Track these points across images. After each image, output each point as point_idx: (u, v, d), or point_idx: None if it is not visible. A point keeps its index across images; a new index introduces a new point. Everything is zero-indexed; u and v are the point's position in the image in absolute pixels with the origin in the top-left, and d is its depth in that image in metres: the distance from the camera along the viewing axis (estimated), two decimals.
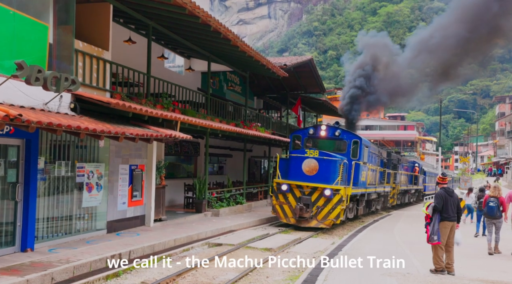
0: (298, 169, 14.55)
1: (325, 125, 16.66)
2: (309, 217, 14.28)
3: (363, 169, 16.46)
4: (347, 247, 10.73)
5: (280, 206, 14.70)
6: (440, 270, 7.92)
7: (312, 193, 14.33)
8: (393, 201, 24.51)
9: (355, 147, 16.07)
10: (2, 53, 7.55)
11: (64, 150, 9.66)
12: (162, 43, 16.62)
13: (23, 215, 8.32)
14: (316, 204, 14.28)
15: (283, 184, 14.57)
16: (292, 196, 14.54)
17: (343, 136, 16.17)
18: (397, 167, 25.11)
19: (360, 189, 16.36)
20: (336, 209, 14.15)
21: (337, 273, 7.77)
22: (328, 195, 14.02)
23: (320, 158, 14.48)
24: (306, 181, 14.38)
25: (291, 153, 15.65)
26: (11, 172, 8.21)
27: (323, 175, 14.32)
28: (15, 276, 6.60)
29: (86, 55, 10.16)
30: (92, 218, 10.47)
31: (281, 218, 14.73)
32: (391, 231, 14.62)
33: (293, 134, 17.30)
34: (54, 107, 8.69)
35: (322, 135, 16.23)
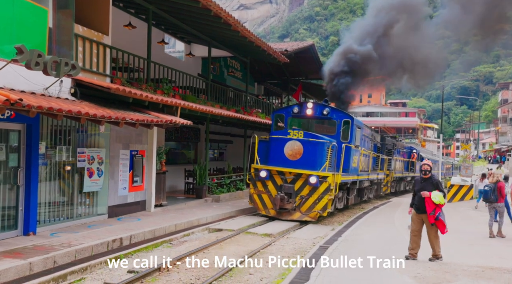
0: (279, 153, 12.79)
1: (312, 102, 14.62)
2: (291, 208, 12.63)
3: (354, 154, 14.68)
4: (347, 233, 10.82)
5: (259, 195, 13.05)
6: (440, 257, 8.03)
7: (296, 180, 12.67)
8: (386, 189, 23.01)
9: (346, 128, 14.16)
10: (2, 38, 7.52)
11: (65, 135, 9.68)
12: (162, 28, 16.51)
13: (25, 199, 8.39)
14: (299, 194, 12.64)
15: (262, 170, 12.83)
16: (272, 184, 12.89)
17: (333, 115, 14.23)
18: (392, 153, 23.51)
19: (351, 176, 14.65)
20: (323, 199, 12.50)
21: (337, 259, 7.85)
22: (314, 183, 12.38)
23: (305, 140, 12.71)
24: (289, 166, 12.66)
25: (272, 134, 13.56)
26: (12, 156, 8.26)
27: (309, 159, 12.58)
28: (18, 259, 6.69)
29: (86, 39, 10.11)
30: (93, 203, 10.55)
31: (260, 210, 13.09)
32: (391, 221, 14.66)
33: (275, 113, 15.19)
34: (54, 92, 8.69)
35: (309, 114, 14.17)
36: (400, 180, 27.20)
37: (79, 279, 6.67)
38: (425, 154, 37.16)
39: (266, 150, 13.34)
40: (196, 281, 6.79)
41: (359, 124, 15.45)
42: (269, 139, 13.41)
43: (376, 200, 21.43)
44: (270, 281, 7.00)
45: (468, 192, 21.07)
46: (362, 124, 16.08)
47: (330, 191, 12.54)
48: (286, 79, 25.85)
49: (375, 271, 7.11)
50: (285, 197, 12.53)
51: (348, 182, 14.46)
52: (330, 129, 14.24)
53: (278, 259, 8.47)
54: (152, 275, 6.94)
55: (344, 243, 9.40)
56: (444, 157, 40.39)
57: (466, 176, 23.97)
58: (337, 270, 7.04)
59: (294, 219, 12.57)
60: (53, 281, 6.32)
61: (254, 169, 13.16)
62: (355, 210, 17.00)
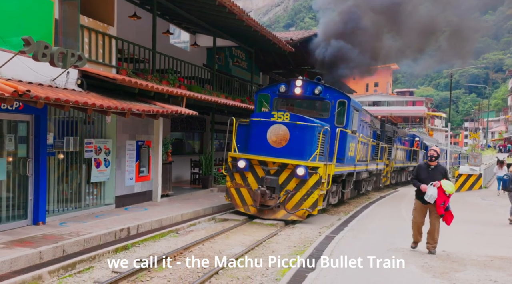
0: (261, 139, 10.94)
1: (301, 79, 12.42)
2: (274, 205, 10.76)
3: (351, 140, 12.80)
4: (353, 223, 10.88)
5: (237, 189, 11.23)
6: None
7: (280, 172, 10.84)
8: (386, 180, 21.30)
9: (342, 110, 12.32)
10: (9, 30, 7.57)
11: (72, 126, 9.77)
12: (167, 19, 16.48)
13: (34, 189, 8.51)
14: (285, 188, 10.78)
15: (240, 160, 10.97)
16: (252, 177, 11.07)
17: (326, 94, 12.37)
18: (393, 141, 21.76)
19: (347, 167, 12.79)
20: (313, 194, 10.62)
21: (343, 248, 7.91)
22: (302, 175, 10.51)
23: (291, 123, 10.81)
24: (272, 155, 10.84)
25: (252, 116, 11.48)
26: (21, 147, 8.36)
27: (296, 147, 10.75)
28: (28, 247, 6.81)
29: (91, 31, 10.14)
30: (100, 193, 10.67)
31: (238, 206, 11.26)
32: (398, 213, 14.67)
33: (258, 93, 13.22)
34: (61, 83, 8.76)
35: (297, 93, 12.29)
36: (401, 171, 25.69)
37: (88, 267, 6.79)
38: (430, 142, 35.63)
39: (246, 135, 11.34)
40: (202, 270, 6.89)
41: (357, 106, 13.57)
42: (250, 123, 11.35)
43: (377, 192, 20.57)
44: (276, 270, 7.08)
45: (476, 181, 20.97)
46: (360, 106, 14.23)
47: (321, 184, 10.66)
48: (292, 68, 25.73)
49: (383, 260, 7.16)
50: (267, 192, 10.65)
51: (343, 173, 12.69)
52: (323, 111, 12.47)
53: (284, 249, 8.55)
54: (159, 264, 7.05)
55: (350, 232, 9.46)
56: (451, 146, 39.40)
57: (474, 166, 23.84)
58: (344, 259, 7.10)
59: (277, 218, 10.83)
60: (62, 270, 6.44)
61: (231, 158, 11.33)
62: (360, 201, 17.02)
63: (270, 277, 6.70)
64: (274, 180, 10.82)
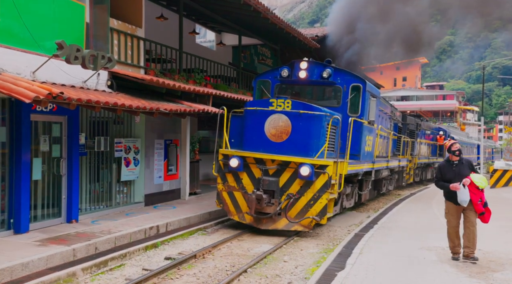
0: (258, 132, 9.29)
1: (306, 61, 10.59)
2: (274, 213, 8.97)
3: (368, 133, 11.04)
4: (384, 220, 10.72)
5: (230, 193, 9.48)
6: None
7: (281, 172, 9.11)
8: (409, 178, 19.46)
9: (356, 97, 10.51)
10: (43, 34, 7.83)
11: (103, 126, 10.01)
12: (193, 19, 16.62)
13: (67, 188, 8.77)
14: (286, 191, 9.04)
15: (233, 158, 9.25)
16: (248, 178, 9.32)
17: (336, 78, 10.57)
18: (416, 134, 19.70)
19: (363, 165, 10.99)
20: (321, 199, 8.86)
21: (373, 246, 7.82)
22: (307, 176, 8.79)
23: (294, 112, 9.07)
24: (271, 152, 9.16)
25: (247, 105, 9.80)
26: (55, 147, 8.63)
27: (300, 141, 9.06)
28: (63, 245, 7.03)
29: (120, 33, 10.35)
30: (130, 191, 10.90)
31: (231, 214, 9.53)
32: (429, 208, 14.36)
33: (257, 79, 11.34)
34: (92, 85, 8.98)
35: (302, 77, 10.47)
36: (426, 167, 23.83)
37: (119, 265, 6.96)
38: (459, 136, 33.19)
39: (241, 129, 9.72)
40: (231, 268, 6.94)
41: (375, 92, 11.59)
42: (244, 113, 9.66)
43: (406, 189, 19.92)
44: (305, 268, 7.06)
45: None
46: (378, 93, 12.21)
47: (331, 186, 8.96)
48: None
49: (415, 259, 7.04)
50: (263, 197, 8.84)
51: (359, 172, 10.88)
52: (334, 98, 10.71)
53: (313, 247, 8.52)
54: (188, 262, 7.14)
55: (380, 230, 9.33)
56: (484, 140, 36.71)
57: (510, 160, 23.02)
58: (374, 257, 7.01)
59: (278, 229, 9.14)
60: (95, 267, 6.62)
61: (222, 156, 9.62)
62: (389, 198, 16.74)
63: (299, 275, 6.68)
64: (273, 182, 9.04)
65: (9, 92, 6.53)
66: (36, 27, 7.72)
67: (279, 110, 9.20)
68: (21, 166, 7.69)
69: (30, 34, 7.57)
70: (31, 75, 7.69)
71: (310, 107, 9.25)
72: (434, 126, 27.73)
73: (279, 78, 10.78)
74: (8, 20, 7.30)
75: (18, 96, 6.45)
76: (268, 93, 10.92)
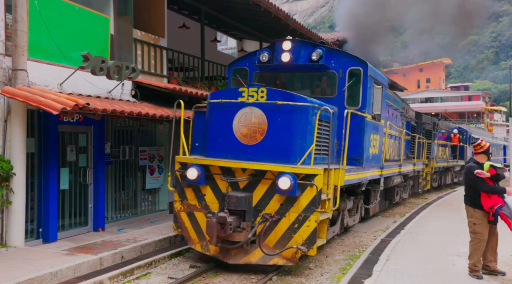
0: (224, 132, 7.17)
1: (290, 40, 8.32)
2: (246, 241, 6.65)
3: (373, 130, 8.73)
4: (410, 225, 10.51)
5: (190, 215, 7.31)
6: None
7: (254, 185, 6.91)
8: (425, 184, 17.36)
9: (355, 84, 8.28)
10: (69, 47, 8.05)
11: (127, 135, 10.17)
12: (215, 27, 16.77)
13: (93, 197, 8.92)
14: (262, 211, 6.81)
15: (191, 168, 7.07)
16: (212, 193, 7.17)
17: (329, 61, 8.35)
18: (433, 135, 17.73)
19: (368, 172, 8.64)
20: (308, 221, 6.58)
21: (400, 252, 7.66)
22: (287, 190, 6.52)
23: (270, 105, 6.93)
24: (242, 157, 7.00)
25: (211, 97, 7.55)
26: (81, 157, 8.80)
27: (278, 143, 6.91)
28: (90, 254, 7.14)
29: (144, 43, 10.52)
30: (155, 199, 11.01)
31: (192, 242, 7.30)
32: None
33: (232, 68, 9.18)
34: (117, 95, 9.15)
35: (285, 61, 8.24)
36: (445, 171, 21.51)
37: (145, 273, 7.01)
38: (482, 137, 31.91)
39: (205, 128, 7.62)
40: (256, 276, 6.90)
41: (380, 79, 9.29)
42: (207, 107, 7.55)
43: (433, 193, 19.29)
44: (330, 276, 6.96)
45: None
46: (385, 80, 9.93)
47: (321, 203, 6.64)
48: None
49: (444, 265, 6.86)
50: (228, 221, 6.46)
51: (362, 182, 8.45)
52: (326, 87, 8.61)
53: (338, 254, 8.41)
54: (213, 270, 7.14)
55: (407, 236, 9.15)
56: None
57: None
58: (402, 264, 6.87)
59: (251, 263, 6.85)
60: (121, 276, 6.68)
61: (180, 165, 7.45)
62: (415, 202, 16.39)
63: (325, 283, 6.60)
64: (244, 198, 6.74)
65: (38, 104, 6.72)
66: (62, 40, 7.93)
67: (251, 101, 6.99)
68: (49, 176, 7.87)
69: (57, 48, 7.77)
70: (58, 87, 7.89)
71: (291, 96, 7.00)
72: (454, 126, 25.44)
73: (257, 63, 8.58)
74: (36, 35, 7.53)
75: (46, 108, 6.62)
76: (245, 84, 8.44)
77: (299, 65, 8.44)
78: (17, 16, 7.12)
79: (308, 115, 6.99)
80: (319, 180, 6.60)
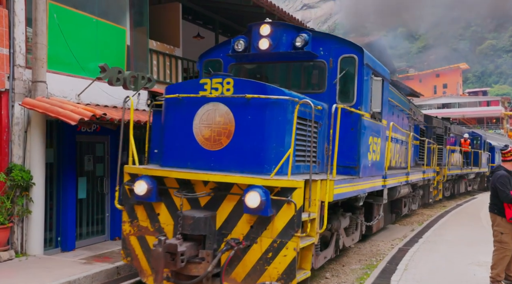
0: (183, 134, 5.86)
1: (269, 23, 6.94)
2: (205, 275, 5.18)
3: (372, 132, 7.28)
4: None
5: (141, 239, 5.93)
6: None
7: (218, 201, 5.56)
8: (437, 193, 16.18)
9: (348, 75, 6.88)
10: (87, 57, 8.22)
11: (144, 144, 10.23)
12: (229, 36, 16.84)
13: (110, 206, 9.02)
14: (228, 235, 5.44)
15: (141, 180, 5.71)
16: (168, 213, 5.79)
17: (317, 49, 6.96)
18: (444, 140, 16.64)
19: (365, 182, 7.08)
20: (285, 250, 5.13)
21: (418, 261, 7.53)
22: (257, 208, 5.07)
23: (237, 99, 5.60)
24: (204, 166, 5.68)
25: (167, 91, 6.23)
26: (99, 166, 8.92)
27: (248, 147, 5.55)
28: (107, 262, 7.20)
29: (159, 53, 10.67)
30: None
31: (144, 275, 5.89)
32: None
33: (203, 60, 7.81)
34: None
35: (264, 48, 6.84)
36: (459, 179, 20.27)
37: None
38: (497, 142, 29.64)
39: (162, 130, 6.22)
40: None
41: (380, 70, 7.86)
42: (164, 104, 6.21)
43: (452, 200, 18.88)
44: None
45: None
46: (387, 73, 8.43)
47: (303, 226, 5.21)
48: None
49: (464, 276, 6.72)
50: (179, 251, 5.03)
51: (359, 195, 6.87)
52: (314, 79, 7.26)
53: (355, 263, 8.31)
54: None
55: (425, 244, 9.00)
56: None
57: None
58: (420, 273, 6.75)
59: None
60: None
61: (129, 177, 6.12)
62: (433, 210, 16.13)
63: None
64: (203, 219, 5.25)
65: (56, 115, 6.86)
66: (80, 52, 8.11)
67: (215, 96, 5.63)
68: (67, 186, 8.00)
69: (75, 59, 7.93)
70: (76, 97, 8.04)
71: (262, 88, 5.57)
72: (467, 130, 24.18)
73: (231, 53, 7.24)
74: (55, 48, 7.71)
75: (65, 119, 6.75)
76: None
77: (281, 54, 6.99)
78: (37, 29, 7.31)
79: (286, 111, 5.57)
80: (299, 195, 5.14)
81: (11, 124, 7.25)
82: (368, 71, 7.15)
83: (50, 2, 7.61)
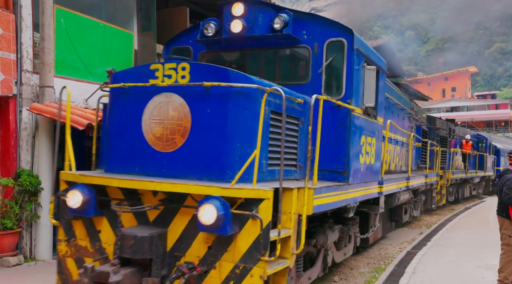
0: (130, 132, 4.74)
1: (242, 2, 5.78)
2: None
3: (364, 130, 6.21)
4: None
5: (79, 262, 4.70)
6: None
7: (170, 215, 4.38)
8: (440, 198, 15.43)
9: (337, 63, 5.84)
10: (94, 62, 8.30)
11: None
12: None
13: None
14: (181, 258, 4.28)
15: (75, 190, 4.53)
16: (111, 229, 4.60)
17: (300, 31, 5.95)
18: (448, 142, 15.93)
19: (355, 190, 5.99)
20: (248, 279, 3.99)
21: (426, 265, 7.47)
22: (213, 225, 3.92)
23: (194, 88, 4.45)
24: (154, 171, 4.60)
25: (113, 79, 4.97)
26: None
27: (206, 148, 4.43)
28: None
29: None
30: None
31: None
32: None
33: (171, 48, 6.70)
34: None
35: (236, 31, 5.80)
36: (463, 183, 19.60)
37: None
38: (502, 145, 28.90)
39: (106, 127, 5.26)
40: None
41: (374, 58, 6.72)
42: (109, 95, 5.13)
43: (460, 204, 18.61)
44: None
45: None
46: (383, 63, 7.24)
47: (272, 248, 4.07)
48: None
49: (472, 279, 6.64)
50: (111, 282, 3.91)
51: (349, 205, 5.83)
52: (296, 68, 6.30)
53: (363, 266, 8.26)
54: None
55: (434, 248, 8.92)
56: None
57: None
58: (428, 277, 6.69)
59: None
60: None
61: (66, 185, 4.93)
62: (442, 213, 15.98)
63: None
64: (147, 239, 4.15)
65: (64, 120, 6.89)
66: (87, 56, 8.20)
67: (168, 84, 4.55)
68: None
69: (83, 64, 8.01)
70: (84, 102, 8.10)
71: (225, 73, 4.50)
72: (472, 133, 23.33)
73: (200, 38, 6.20)
74: (63, 53, 7.80)
75: (73, 124, 6.79)
76: None
77: (257, 38, 5.88)
78: (44, 34, 7.38)
79: (255, 103, 4.45)
80: (267, 207, 4.05)
81: (19, 129, 7.32)
82: (360, 58, 6.03)
83: (57, 7, 7.70)
